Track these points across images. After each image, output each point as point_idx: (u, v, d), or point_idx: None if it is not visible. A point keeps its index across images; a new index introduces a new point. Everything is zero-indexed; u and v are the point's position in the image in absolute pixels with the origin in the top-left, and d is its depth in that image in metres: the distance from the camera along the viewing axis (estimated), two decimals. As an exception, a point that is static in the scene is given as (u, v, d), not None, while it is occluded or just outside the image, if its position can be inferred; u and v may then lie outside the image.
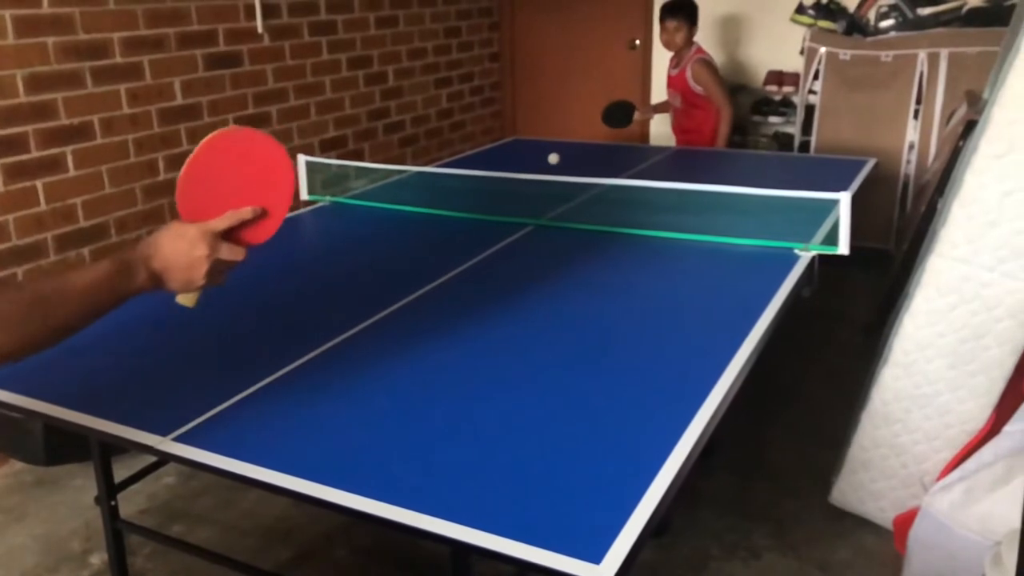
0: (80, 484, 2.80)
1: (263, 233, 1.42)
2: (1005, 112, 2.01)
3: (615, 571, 1.12)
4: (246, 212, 1.37)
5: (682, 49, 4.18)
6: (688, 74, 4.16)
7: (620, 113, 4.45)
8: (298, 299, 2.20)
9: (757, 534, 2.44)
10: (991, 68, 3.12)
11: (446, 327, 1.96)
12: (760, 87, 4.96)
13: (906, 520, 2.17)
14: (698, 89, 4.17)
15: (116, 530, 2.17)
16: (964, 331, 2.12)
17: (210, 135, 1.40)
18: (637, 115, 4.45)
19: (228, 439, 1.48)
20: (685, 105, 4.27)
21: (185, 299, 1.39)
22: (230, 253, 1.35)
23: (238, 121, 3.83)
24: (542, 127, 5.77)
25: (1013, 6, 3.31)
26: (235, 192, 1.39)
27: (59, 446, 2.83)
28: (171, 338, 1.93)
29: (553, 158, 3.39)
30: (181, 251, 1.31)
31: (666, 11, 4.15)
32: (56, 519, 2.63)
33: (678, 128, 4.40)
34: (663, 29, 4.18)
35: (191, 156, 1.39)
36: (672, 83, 4.30)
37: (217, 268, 1.35)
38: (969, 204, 2.07)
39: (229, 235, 1.37)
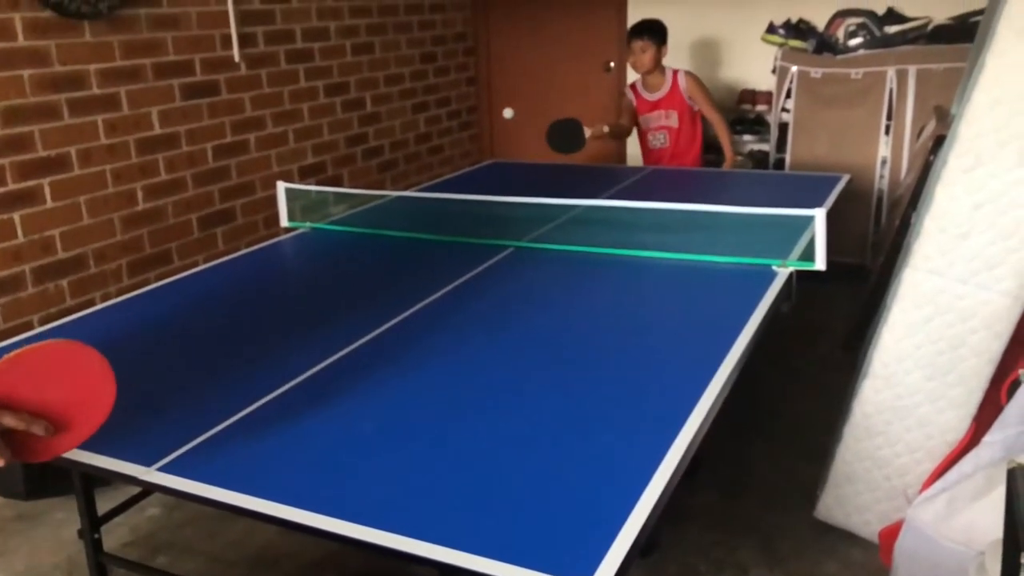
0: (62, 518, 2.76)
1: (43, 452, 1.30)
2: (971, 127, 2.05)
3: (604, 590, 1.12)
4: (38, 427, 1.25)
5: (652, 71, 4.14)
6: (683, 88, 4.14)
7: (567, 133, 4.00)
8: (280, 326, 2.19)
9: (744, 550, 2.45)
10: (958, 84, 3.18)
11: (428, 351, 1.96)
12: (734, 106, 5.02)
13: (891, 532, 2.19)
14: (692, 104, 4.18)
15: (100, 564, 2.14)
16: (941, 343, 2.14)
17: (65, 342, 1.32)
18: (589, 133, 4.02)
19: (213, 468, 1.48)
20: (682, 123, 4.21)
21: None
22: None
23: (217, 149, 3.83)
24: (520, 150, 5.81)
25: (977, 23, 3.38)
26: (47, 398, 1.28)
27: (40, 479, 2.80)
28: (153, 367, 1.93)
29: (507, 112, 3.32)
30: None
31: (633, 32, 4.15)
32: (38, 554, 2.60)
33: (675, 151, 4.25)
34: (630, 51, 4.16)
35: (36, 345, 1.28)
36: (663, 105, 4.20)
37: None
38: (940, 217, 2.11)
39: (8, 433, 1.25)
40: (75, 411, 1.31)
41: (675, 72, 4.17)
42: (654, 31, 4.11)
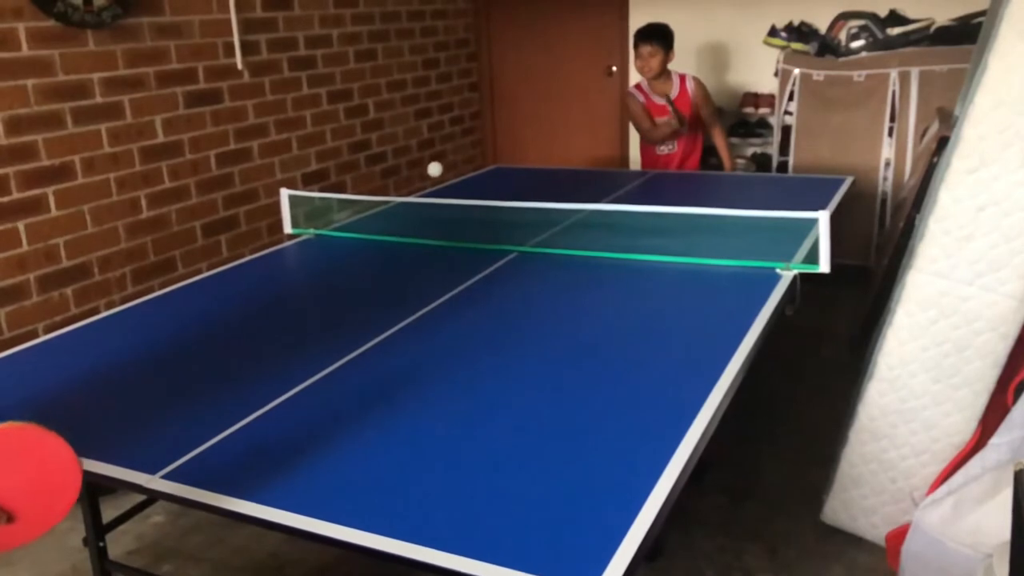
0: (67, 526, 2.76)
1: None
2: (975, 128, 2.04)
3: (609, 595, 1.12)
4: None
5: (659, 75, 4.12)
6: (691, 93, 4.14)
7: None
8: (284, 333, 2.19)
9: (750, 555, 2.44)
10: (961, 85, 3.17)
11: (432, 357, 1.96)
12: (737, 109, 5.02)
13: (898, 536, 2.18)
14: (697, 109, 4.17)
15: (105, 572, 2.14)
16: (946, 345, 2.14)
17: (23, 425, 1.22)
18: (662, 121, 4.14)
19: (217, 475, 1.48)
20: (689, 129, 4.19)
21: None
22: None
23: (220, 156, 3.84)
24: (522, 154, 5.81)
25: (980, 24, 3.38)
26: (3, 484, 1.20)
27: (45, 489, 2.80)
28: (157, 375, 1.93)
29: (433, 169, 3.13)
30: None
31: (641, 36, 4.10)
32: (43, 563, 2.60)
33: (682, 156, 4.24)
34: (637, 55, 4.12)
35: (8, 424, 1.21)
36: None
37: None
38: (944, 219, 2.10)
39: None
40: (35, 500, 1.21)
41: (682, 77, 4.16)
42: (662, 36, 4.09)
